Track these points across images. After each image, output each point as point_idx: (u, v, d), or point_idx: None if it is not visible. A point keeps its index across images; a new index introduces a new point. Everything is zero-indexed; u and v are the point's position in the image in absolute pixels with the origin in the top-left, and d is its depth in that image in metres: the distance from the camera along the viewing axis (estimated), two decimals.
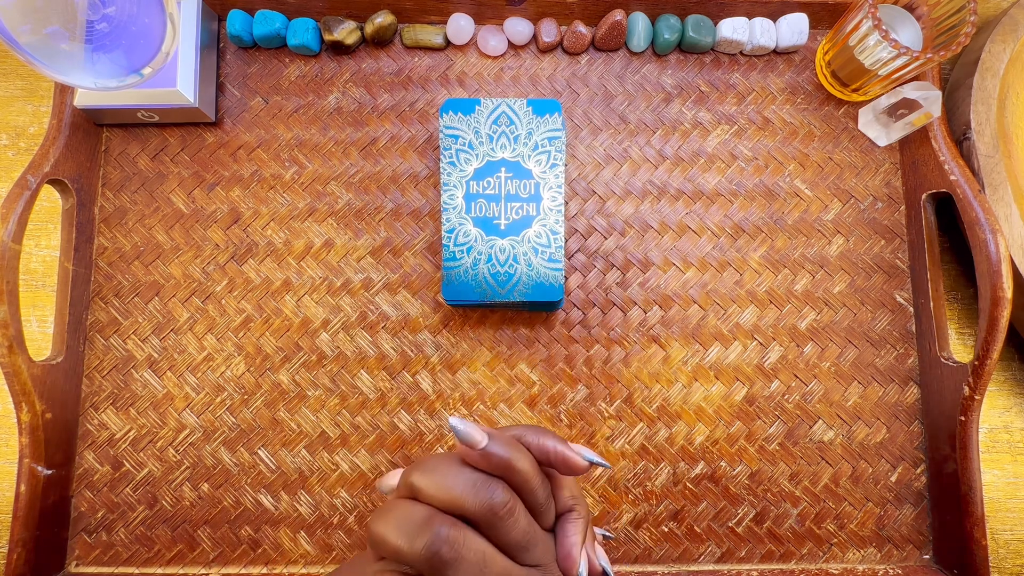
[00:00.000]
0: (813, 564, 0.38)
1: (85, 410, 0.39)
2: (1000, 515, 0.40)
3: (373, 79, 0.42)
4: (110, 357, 0.39)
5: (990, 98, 0.39)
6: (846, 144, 0.42)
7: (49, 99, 0.43)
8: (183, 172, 0.41)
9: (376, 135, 0.42)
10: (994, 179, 0.38)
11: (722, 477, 0.39)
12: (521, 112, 0.36)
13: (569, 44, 0.42)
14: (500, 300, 0.35)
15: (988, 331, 0.35)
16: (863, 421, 0.40)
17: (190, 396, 0.39)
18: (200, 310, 0.40)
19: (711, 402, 0.40)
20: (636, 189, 0.41)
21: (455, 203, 0.35)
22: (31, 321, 0.41)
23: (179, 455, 0.38)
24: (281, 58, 0.42)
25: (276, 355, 0.39)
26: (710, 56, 0.43)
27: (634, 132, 0.42)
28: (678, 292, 0.40)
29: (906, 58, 0.36)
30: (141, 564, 0.37)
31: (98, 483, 0.38)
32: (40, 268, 0.41)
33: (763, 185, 0.42)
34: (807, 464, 0.39)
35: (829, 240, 0.41)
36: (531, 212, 0.35)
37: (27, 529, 0.34)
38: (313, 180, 0.41)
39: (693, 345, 0.40)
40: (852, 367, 0.40)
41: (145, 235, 0.40)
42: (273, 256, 0.40)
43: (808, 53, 0.43)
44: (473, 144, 0.36)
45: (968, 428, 0.36)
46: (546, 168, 0.36)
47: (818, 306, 0.41)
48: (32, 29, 0.31)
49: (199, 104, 0.39)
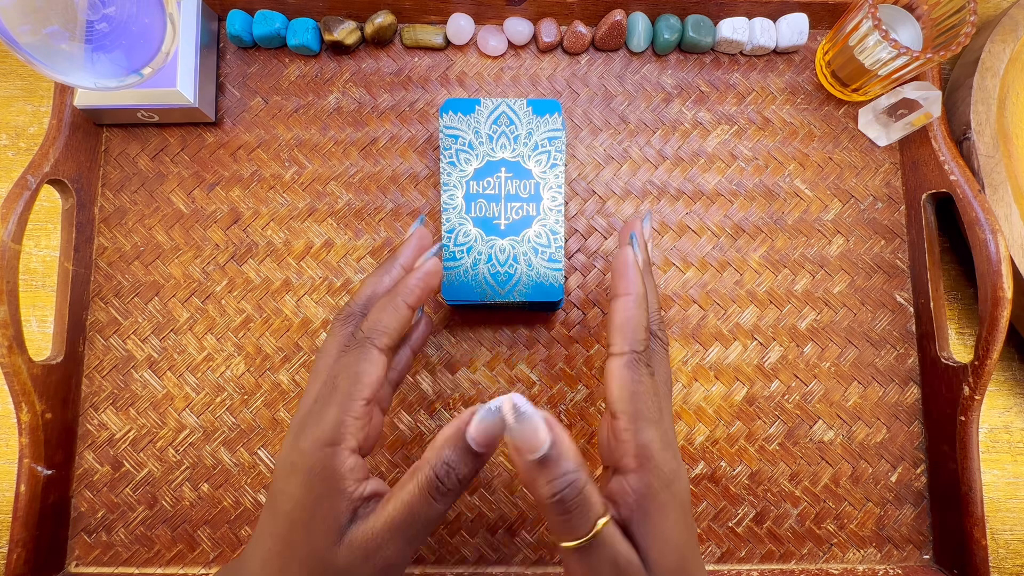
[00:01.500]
0: (813, 564, 0.38)
1: (85, 410, 0.39)
2: (1000, 515, 0.40)
3: (373, 79, 0.42)
4: (110, 357, 0.39)
5: (990, 98, 0.39)
6: (846, 144, 0.42)
7: (49, 99, 0.43)
8: (183, 172, 0.41)
9: (376, 135, 0.42)
10: (994, 179, 0.38)
11: (722, 477, 0.39)
12: (521, 112, 0.36)
13: (569, 44, 0.42)
14: (500, 300, 0.35)
15: (988, 331, 0.35)
16: (863, 421, 0.40)
17: (190, 396, 0.39)
18: (200, 310, 0.40)
19: (711, 402, 0.40)
20: (636, 189, 0.41)
21: (455, 203, 0.35)
22: (31, 321, 0.41)
23: (179, 455, 0.39)
24: (281, 58, 0.42)
25: (276, 355, 0.39)
26: (710, 56, 0.43)
27: (634, 132, 0.42)
28: (678, 292, 0.40)
29: (906, 58, 0.36)
30: (141, 564, 0.37)
31: (98, 483, 0.38)
32: (40, 268, 0.41)
33: (763, 185, 0.42)
34: (807, 464, 0.39)
35: (829, 240, 0.41)
36: (531, 212, 0.35)
37: (27, 529, 0.34)
38: (313, 180, 0.41)
39: (693, 345, 0.40)
40: (852, 367, 0.40)
41: (145, 235, 0.40)
42: (273, 256, 0.40)
43: (808, 53, 0.43)
44: (473, 144, 0.36)
45: (968, 428, 0.36)
46: (546, 168, 0.36)
47: (818, 306, 0.41)
48: (32, 29, 0.31)
49: (199, 104, 0.39)
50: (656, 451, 0.25)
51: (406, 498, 0.23)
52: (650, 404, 0.25)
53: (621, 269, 0.28)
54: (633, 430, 0.25)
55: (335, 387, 0.26)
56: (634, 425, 0.25)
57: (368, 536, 0.23)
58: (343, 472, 0.24)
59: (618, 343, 0.27)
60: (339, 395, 0.25)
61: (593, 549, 0.23)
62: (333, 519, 0.23)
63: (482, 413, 0.23)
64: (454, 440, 0.24)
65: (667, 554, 0.24)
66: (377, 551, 0.23)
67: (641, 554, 0.23)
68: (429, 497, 0.23)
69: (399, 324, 0.28)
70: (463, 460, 0.24)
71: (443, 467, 0.23)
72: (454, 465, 0.24)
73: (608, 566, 0.23)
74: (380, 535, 0.23)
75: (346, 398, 0.25)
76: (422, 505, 0.23)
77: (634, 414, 0.25)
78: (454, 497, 0.24)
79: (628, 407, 0.25)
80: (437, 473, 0.23)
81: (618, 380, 0.26)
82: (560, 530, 0.23)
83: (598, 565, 0.23)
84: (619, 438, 0.25)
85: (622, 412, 0.25)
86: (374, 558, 0.23)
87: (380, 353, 0.27)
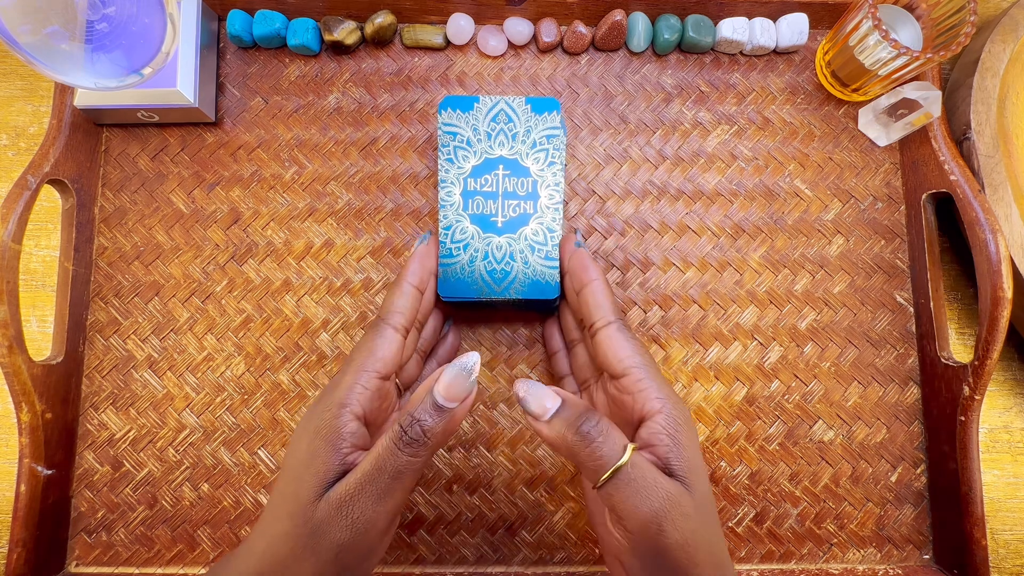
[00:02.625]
0: (813, 564, 0.38)
1: (85, 410, 0.39)
2: (1000, 515, 0.40)
3: (373, 79, 0.42)
4: (110, 357, 0.39)
5: (990, 98, 0.39)
6: (846, 144, 0.42)
7: (49, 99, 0.43)
8: (183, 172, 0.41)
9: (376, 135, 0.42)
10: (994, 179, 0.38)
11: (722, 477, 0.39)
12: (520, 110, 0.36)
13: (569, 44, 0.42)
14: (496, 297, 0.35)
15: (988, 331, 0.35)
16: (863, 421, 0.40)
17: (190, 396, 0.39)
18: (200, 310, 0.40)
19: (711, 402, 0.40)
20: (636, 189, 0.41)
21: (452, 200, 0.35)
22: (31, 321, 0.41)
23: (179, 455, 0.39)
24: (281, 58, 0.42)
25: (276, 355, 0.39)
26: (710, 56, 0.43)
27: (634, 132, 0.42)
28: (678, 292, 0.40)
29: (906, 58, 0.36)
30: (141, 564, 0.37)
31: (98, 483, 0.38)
32: (40, 268, 0.41)
33: (763, 185, 0.42)
34: (807, 464, 0.39)
35: (829, 240, 0.41)
36: (528, 210, 0.35)
37: (27, 529, 0.34)
38: (313, 180, 0.41)
39: (693, 345, 0.40)
40: (852, 367, 0.40)
41: (145, 235, 0.40)
42: (273, 256, 0.40)
43: (808, 53, 0.43)
44: (471, 141, 0.36)
45: (968, 428, 0.36)
46: (544, 166, 0.36)
47: (818, 306, 0.41)
48: (32, 29, 0.31)
49: (199, 104, 0.39)
50: (670, 391, 0.28)
51: (375, 450, 0.25)
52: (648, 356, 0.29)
53: (582, 262, 0.33)
54: (647, 378, 0.28)
55: (350, 360, 0.28)
56: (647, 374, 0.28)
57: (343, 489, 0.25)
58: (342, 432, 0.26)
59: (604, 315, 0.30)
60: (353, 366, 0.28)
61: (633, 475, 0.24)
62: (323, 473, 0.25)
63: (450, 370, 0.26)
64: (422, 396, 0.26)
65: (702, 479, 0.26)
66: (350, 504, 0.24)
67: (684, 482, 0.25)
68: (394, 447, 0.25)
69: (407, 303, 0.31)
70: (428, 413, 0.25)
71: (408, 418, 0.25)
72: (419, 416, 0.25)
73: (654, 491, 0.24)
74: (353, 488, 0.24)
75: (359, 368, 0.28)
76: (388, 455, 0.25)
77: (643, 365, 0.28)
78: (421, 450, 0.25)
79: (636, 360, 0.28)
80: (402, 424, 0.25)
81: (616, 341, 0.29)
82: (594, 466, 0.25)
83: (643, 490, 0.24)
84: (635, 388, 0.28)
85: (632, 366, 0.28)
86: (348, 512, 0.24)
87: (394, 331, 0.29)
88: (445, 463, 0.39)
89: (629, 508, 0.24)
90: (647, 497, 0.24)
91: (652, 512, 0.24)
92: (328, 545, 0.24)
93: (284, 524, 0.25)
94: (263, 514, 0.26)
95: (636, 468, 0.25)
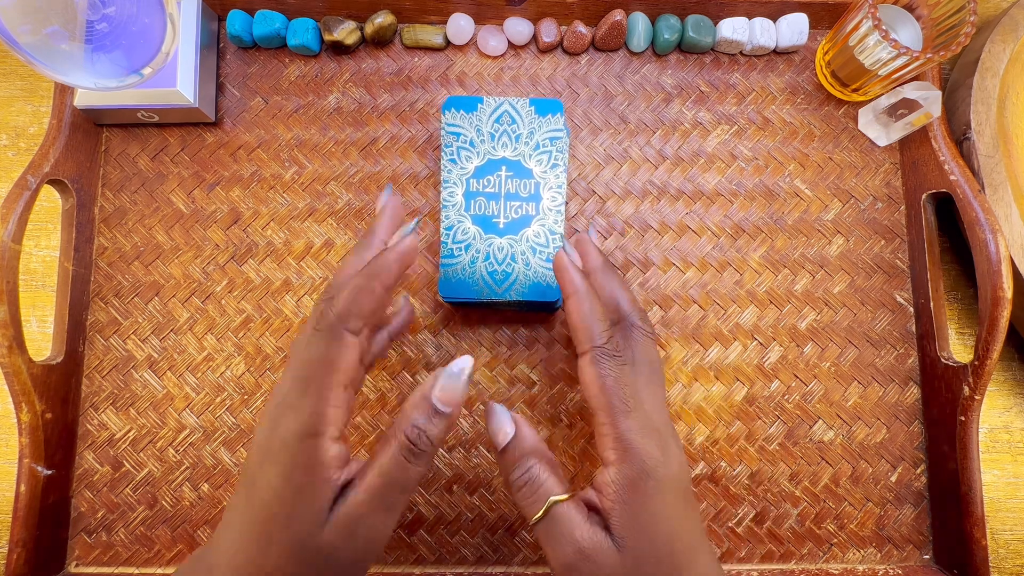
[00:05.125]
0: (813, 564, 0.38)
1: (85, 410, 0.39)
2: (1000, 515, 0.40)
3: (373, 79, 0.42)
4: (110, 357, 0.39)
5: (990, 98, 0.39)
6: (846, 144, 0.42)
7: (49, 99, 0.43)
8: (183, 172, 0.41)
9: (376, 135, 0.42)
10: (994, 179, 0.38)
11: (722, 477, 0.39)
12: (523, 111, 0.36)
13: (569, 44, 0.42)
14: (496, 299, 0.35)
15: (988, 331, 0.35)
16: (863, 421, 0.40)
17: (190, 396, 0.39)
18: (200, 310, 0.40)
19: (711, 402, 0.40)
20: (636, 189, 0.41)
21: (454, 200, 0.35)
22: (31, 321, 0.41)
23: (179, 455, 0.38)
24: (281, 58, 0.42)
25: (276, 355, 0.39)
26: (710, 56, 0.43)
27: (634, 132, 0.42)
28: (678, 292, 0.40)
29: (906, 58, 0.36)
30: (141, 564, 0.37)
31: (98, 483, 0.38)
32: (40, 268, 0.41)
33: (763, 185, 0.42)
34: (807, 464, 0.39)
35: (829, 240, 0.41)
36: (530, 212, 0.35)
37: (27, 529, 0.34)
38: (313, 180, 0.41)
39: (693, 345, 0.40)
40: (852, 367, 0.40)
41: (145, 235, 0.40)
42: (273, 256, 0.40)
43: (808, 53, 0.43)
44: (474, 142, 0.36)
45: (968, 428, 0.36)
46: (547, 168, 0.36)
47: (818, 306, 0.41)
48: (32, 29, 0.31)
49: (199, 104, 0.39)
50: (634, 440, 0.25)
51: (382, 465, 0.24)
52: (623, 394, 0.26)
53: (559, 273, 0.29)
54: (608, 423, 0.26)
55: (311, 375, 0.25)
56: (609, 418, 0.26)
57: (351, 510, 0.24)
58: (327, 462, 0.24)
59: (580, 342, 0.27)
60: (315, 384, 0.25)
61: (550, 526, 0.25)
62: (319, 507, 0.24)
63: (444, 375, 0.25)
64: (421, 403, 0.25)
65: (650, 541, 0.24)
66: (360, 522, 0.24)
67: (617, 540, 0.24)
68: (403, 460, 0.24)
69: (373, 307, 0.27)
70: (432, 421, 0.25)
71: (413, 430, 0.25)
72: (423, 427, 0.25)
73: (568, 544, 0.25)
74: (362, 506, 0.24)
75: (323, 387, 0.25)
76: (398, 469, 0.24)
77: (606, 407, 0.26)
78: (428, 459, 0.25)
79: (599, 402, 0.26)
80: (409, 436, 0.24)
81: (586, 377, 0.27)
82: (521, 508, 0.26)
83: (558, 541, 0.25)
84: (598, 432, 0.26)
85: (595, 408, 0.26)
86: (358, 531, 0.24)
87: (353, 337, 0.26)
88: (445, 463, 0.39)
89: (548, 554, 0.25)
90: (560, 548, 0.25)
91: (562, 566, 0.25)
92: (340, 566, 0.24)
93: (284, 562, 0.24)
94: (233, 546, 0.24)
95: (553, 522, 0.25)
